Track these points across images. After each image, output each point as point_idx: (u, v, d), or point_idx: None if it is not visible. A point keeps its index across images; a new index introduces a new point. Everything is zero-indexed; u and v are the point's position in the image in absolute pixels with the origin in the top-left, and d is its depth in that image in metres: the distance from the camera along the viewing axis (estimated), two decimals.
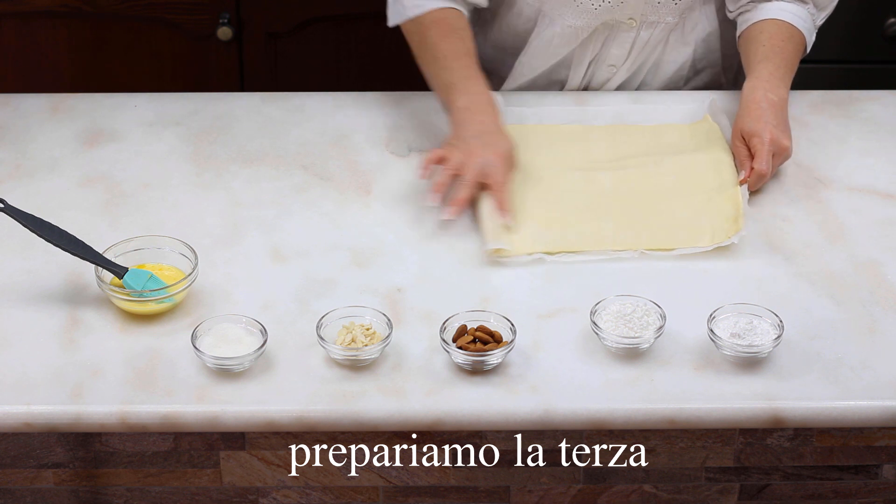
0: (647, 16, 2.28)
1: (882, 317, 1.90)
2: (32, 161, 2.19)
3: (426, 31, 2.23)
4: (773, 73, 2.19)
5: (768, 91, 2.16)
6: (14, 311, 1.90)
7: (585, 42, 2.31)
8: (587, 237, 2.03)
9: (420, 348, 1.84)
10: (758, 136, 2.11)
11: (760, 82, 2.17)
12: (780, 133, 2.12)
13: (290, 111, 2.32)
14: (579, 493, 1.96)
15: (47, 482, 1.94)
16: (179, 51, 3.02)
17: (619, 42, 2.31)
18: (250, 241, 2.03)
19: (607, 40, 2.31)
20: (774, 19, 2.25)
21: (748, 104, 2.15)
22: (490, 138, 2.10)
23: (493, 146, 2.08)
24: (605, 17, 2.27)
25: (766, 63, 2.20)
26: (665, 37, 2.32)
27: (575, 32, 2.30)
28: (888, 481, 1.96)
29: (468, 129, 2.11)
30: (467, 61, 2.20)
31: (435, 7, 2.24)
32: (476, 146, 2.07)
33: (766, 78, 2.18)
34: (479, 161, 2.06)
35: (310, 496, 1.95)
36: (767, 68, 2.19)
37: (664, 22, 2.30)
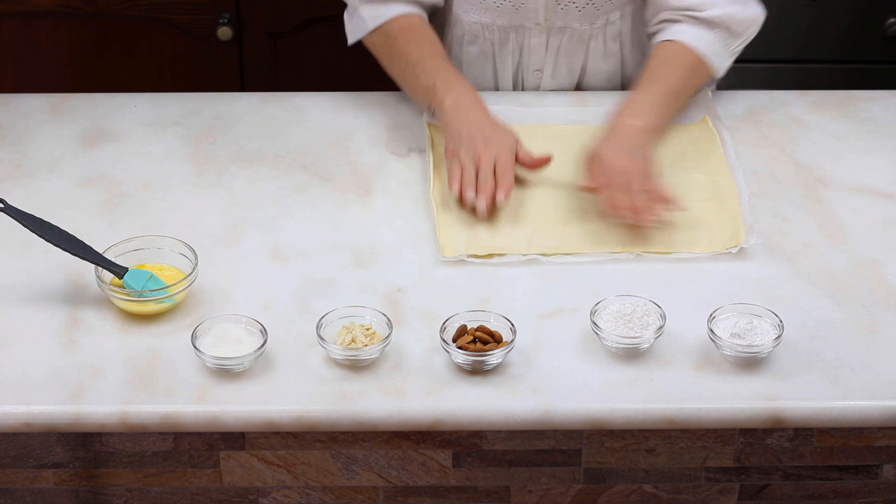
0: (553, 21, 2.29)
1: (882, 317, 1.90)
2: (32, 161, 2.19)
3: (394, 40, 2.24)
4: (643, 101, 2.16)
5: (631, 117, 2.13)
6: (14, 311, 1.90)
7: (501, 44, 2.32)
8: (584, 239, 2.03)
9: (420, 348, 1.84)
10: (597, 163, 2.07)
11: (627, 108, 2.15)
12: (631, 159, 2.06)
13: (290, 111, 2.32)
14: (579, 493, 1.96)
15: (47, 482, 1.94)
16: (179, 51, 3.02)
17: (534, 47, 2.32)
18: (250, 241, 2.03)
19: (523, 47, 2.32)
20: (673, 42, 2.24)
21: (608, 128, 2.12)
22: (491, 134, 2.10)
23: (496, 143, 2.08)
24: (511, 19, 2.28)
25: (641, 91, 2.18)
26: (583, 46, 2.32)
27: (482, 30, 2.31)
28: (888, 481, 1.96)
29: (465, 129, 2.11)
30: (442, 62, 2.20)
31: (396, 14, 2.24)
32: (480, 147, 2.08)
33: (635, 105, 2.15)
34: (490, 160, 2.06)
35: (310, 496, 1.96)
36: (639, 97, 2.17)
37: (572, 28, 2.29)
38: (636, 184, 2.03)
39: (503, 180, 2.05)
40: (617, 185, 2.03)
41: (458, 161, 2.08)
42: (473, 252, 2.00)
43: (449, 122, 2.13)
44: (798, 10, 2.93)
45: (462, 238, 2.02)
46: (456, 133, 2.11)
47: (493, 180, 2.05)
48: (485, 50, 2.33)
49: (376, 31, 2.25)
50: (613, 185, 2.03)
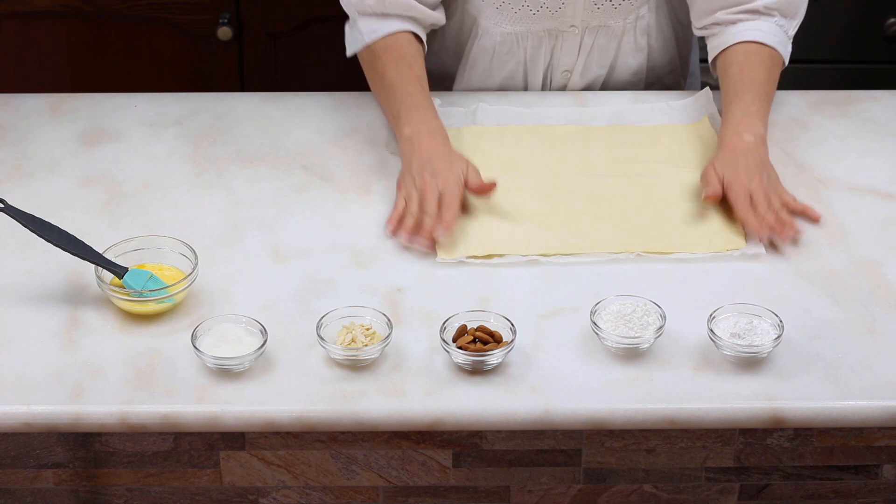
0: (589, 21, 2.29)
1: (882, 317, 1.90)
2: (32, 161, 2.19)
3: (376, 59, 2.22)
4: (745, 111, 2.15)
5: (742, 132, 2.12)
6: (14, 311, 1.90)
7: (534, 49, 2.32)
8: (584, 239, 2.03)
9: (420, 348, 1.84)
10: (731, 188, 2.06)
11: (733, 124, 2.14)
12: (750, 179, 2.06)
13: (290, 111, 2.32)
14: (579, 493, 1.96)
15: (47, 482, 1.94)
16: (179, 51, 3.02)
17: (567, 49, 2.32)
18: (250, 241, 2.03)
19: (555, 48, 2.32)
20: (742, 43, 2.23)
21: (723, 147, 2.12)
22: (438, 165, 2.07)
23: (442, 173, 2.06)
24: (546, 25, 2.28)
25: (738, 101, 2.17)
26: (616, 43, 2.32)
27: (516, 39, 2.30)
28: (888, 481, 1.96)
29: (414, 161, 2.09)
30: (413, 89, 2.17)
31: (391, 31, 2.23)
32: (427, 178, 2.06)
33: (738, 119, 2.14)
34: (434, 193, 2.04)
35: (310, 496, 1.96)
36: (740, 108, 2.16)
37: (606, 26, 2.30)
38: (767, 202, 2.04)
39: (445, 215, 2.02)
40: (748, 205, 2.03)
41: (402, 195, 2.06)
42: (472, 253, 2.00)
43: (403, 154, 2.12)
44: None
45: (460, 240, 2.02)
46: (406, 164, 2.10)
47: (434, 218, 2.02)
48: (517, 57, 2.33)
49: (366, 47, 2.24)
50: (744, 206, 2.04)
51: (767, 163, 2.11)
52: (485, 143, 2.23)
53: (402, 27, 2.23)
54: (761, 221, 2.02)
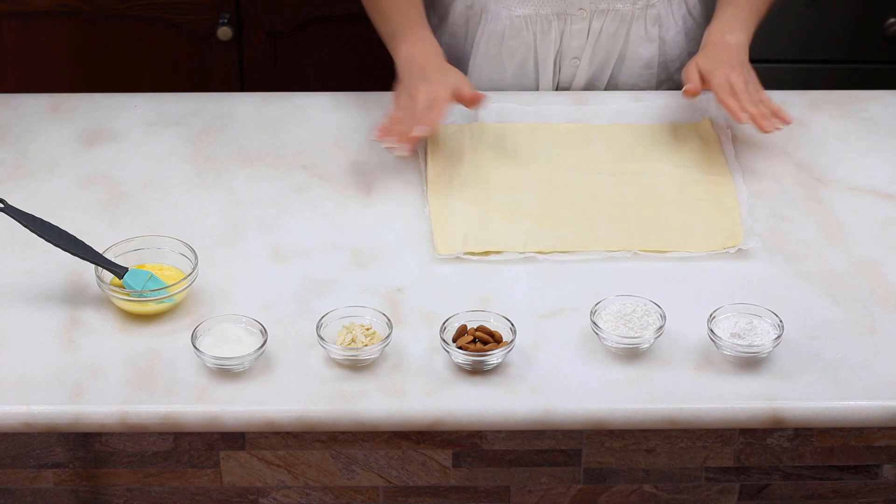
0: (597, 3, 2.30)
1: (882, 317, 1.90)
2: (32, 161, 2.19)
3: None
4: (734, 15, 2.26)
5: (726, 33, 2.23)
6: (14, 311, 1.90)
7: (544, 35, 2.32)
8: (582, 237, 2.03)
9: (420, 348, 1.84)
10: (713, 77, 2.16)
11: (720, 25, 2.25)
12: (731, 70, 2.16)
13: (290, 111, 2.32)
14: (579, 493, 1.96)
15: (47, 482, 1.94)
16: (179, 51, 3.02)
17: (575, 33, 2.32)
18: (250, 241, 2.03)
19: (564, 33, 2.32)
20: None
21: (705, 45, 2.23)
22: (433, 75, 2.16)
23: (435, 81, 2.14)
24: (555, 7, 2.30)
25: (730, 7, 2.27)
26: (625, 30, 2.33)
27: (525, 22, 2.31)
28: (888, 481, 1.96)
29: (409, 72, 2.17)
30: (408, 10, 2.24)
31: None
32: (419, 84, 2.13)
33: (726, 21, 2.25)
34: (424, 98, 2.11)
35: (310, 496, 1.96)
36: (730, 11, 2.26)
37: (614, 10, 2.30)
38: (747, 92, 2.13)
39: (430, 114, 2.09)
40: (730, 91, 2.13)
41: (394, 104, 2.14)
42: (470, 249, 2.00)
43: (400, 70, 2.19)
44: (798, 10, 2.93)
45: (458, 236, 2.02)
46: (402, 78, 2.17)
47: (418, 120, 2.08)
48: (527, 42, 2.33)
49: None
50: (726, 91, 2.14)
51: (748, 64, 2.20)
52: (486, 140, 2.23)
53: None
54: (740, 106, 2.12)
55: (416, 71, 2.18)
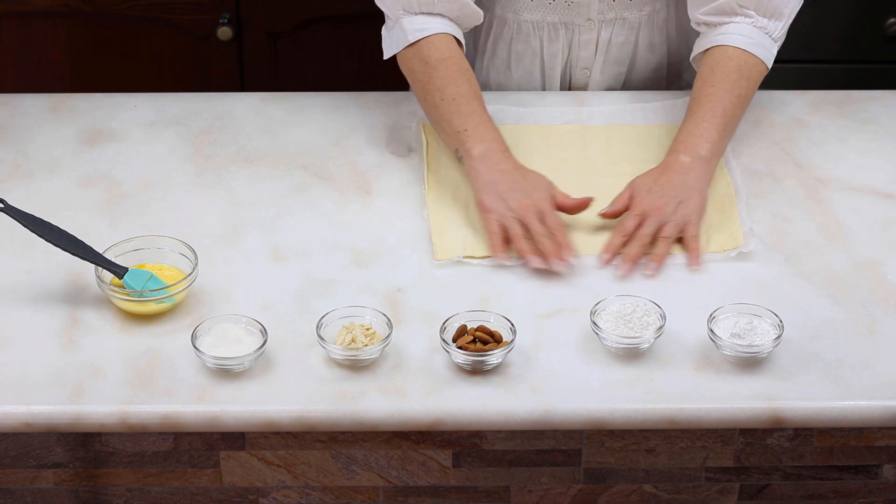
0: (605, 13, 2.28)
1: (882, 317, 1.90)
2: (32, 161, 2.19)
3: (434, 69, 2.14)
4: (692, 130, 2.10)
5: (680, 153, 2.08)
6: (14, 311, 1.90)
7: (551, 43, 2.32)
8: (581, 241, 2.03)
9: (420, 348, 1.84)
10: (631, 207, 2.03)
11: (676, 143, 2.10)
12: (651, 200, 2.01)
13: (290, 111, 2.32)
14: (579, 493, 1.96)
15: (47, 482, 1.94)
16: (179, 51, 3.02)
17: (584, 44, 2.31)
18: (250, 241, 2.03)
19: (572, 43, 2.32)
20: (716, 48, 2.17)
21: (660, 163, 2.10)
22: (527, 186, 2.03)
23: (535, 193, 2.01)
24: (563, 16, 2.28)
25: (689, 121, 2.12)
26: (634, 37, 2.32)
27: (532, 28, 2.30)
28: (888, 481, 1.96)
29: (498, 180, 2.03)
30: (477, 106, 2.12)
31: (437, 31, 2.16)
32: (522, 201, 2.00)
33: (683, 138, 2.10)
34: (534, 213, 1.99)
35: (310, 496, 1.96)
36: (688, 126, 2.11)
37: (622, 18, 2.29)
38: (651, 229, 1.99)
39: (562, 237, 1.97)
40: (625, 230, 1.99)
41: (496, 218, 2.00)
42: (469, 254, 1.99)
43: (478, 172, 2.05)
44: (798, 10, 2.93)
45: (457, 240, 2.02)
46: (488, 185, 2.03)
47: (548, 237, 1.97)
48: (533, 48, 2.33)
49: (416, 56, 2.16)
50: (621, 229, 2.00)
51: (694, 189, 2.04)
52: None
53: (447, 28, 2.18)
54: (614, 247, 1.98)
55: (505, 178, 2.03)
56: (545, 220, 1.99)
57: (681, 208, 2.02)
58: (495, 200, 2.01)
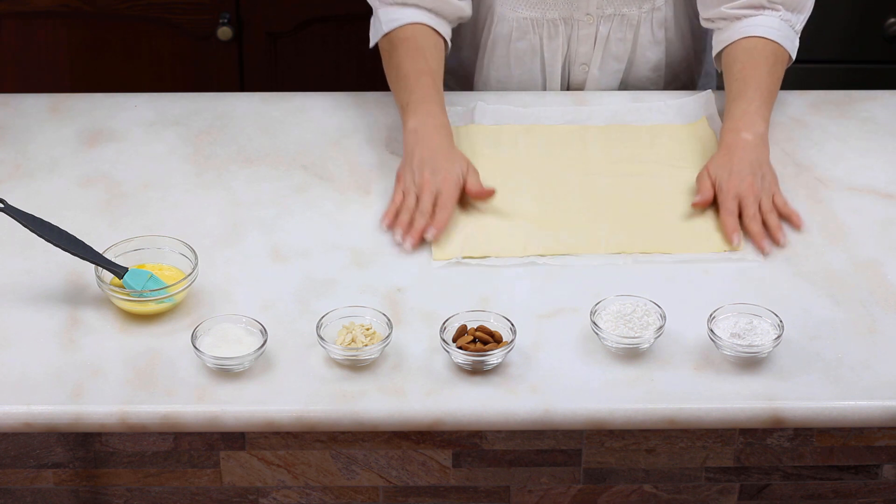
0: (604, 9, 2.29)
1: (882, 317, 1.90)
2: (32, 161, 2.19)
3: (394, 49, 2.22)
4: (745, 109, 2.15)
5: (741, 130, 2.13)
6: (14, 311, 1.90)
7: (550, 40, 2.32)
8: (581, 240, 2.03)
9: (420, 348, 1.84)
10: (721, 190, 2.07)
11: (733, 122, 2.15)
12: (740, 181, 2.07)
13: (290, 111, 2.32)
14: (579, 493, 1.96)
15: (47, 482, 1.94)
16: (179, 51, 3.02)
17: (583, 39, 2.32)
18: (250, 241, 2.03)
19: (571, 39, 2.32)
20: (747, 38, 2.22)
21: (720, 146, 2.13)
22: (440, 163, 2.08)
23: (442, 172, 2.07)
24: (562, 11, 2.29)
25: (739, 100, 2.17)
26: (633, 34, 2.32)
27: (531, 25, 2.31)
28: (888, 481, 1.96)
29: (417, 153, 2.10)
30: (424, 81, 2.17)
31: (409, 21, 2.23)
32: (427, 176, 2.06)
33: (738, 117, 2.15)
34: (431, 191, 2.04)
35: (310, 496, 1.95)
36: (741, 106, 2.16)
37: (621, 14, 2.30)
38: (755, 206, 2.04)
39: (439, 216, 2.02)
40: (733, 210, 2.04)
41: (401, 188, 2.07)
42: (468, 254, 1.99)
43: (406, 145, 2.12)
44: None
45: (457, 240, 2.02)
46: (408, 157, 2.10)
47: (428, 216, 2.02)
48: (533, 45, 2.33)
49: (385, 37, 2.24)
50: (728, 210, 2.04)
51: (765, 162, 2.11)
52: (482, 142, 2.23)
53: (422, 19, 2.23)
54: (735, 227, 2.03)
55: (424, 154, 2.10)
56: (438, 199, 2.04)
57: (764, 182, 2.08)
58: (407, 172, 2.09)
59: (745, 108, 2.15)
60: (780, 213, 2.07)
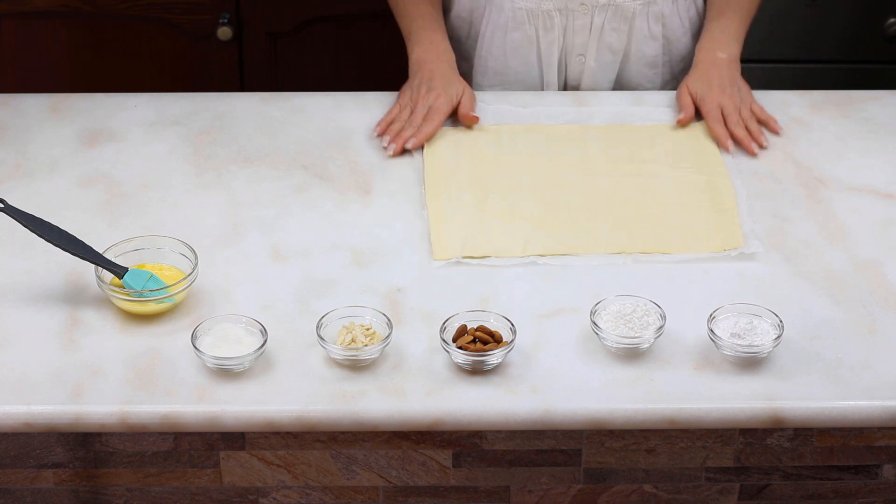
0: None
1: (882, 317, 1.90)
2: (32, 161, 2.19)
3: None
4: (723, 29, 2.31)
5: (716, 50, 2.28)
6: (14, 311, 1.90)
7: (546, 31, 2.33)
8: (581, 240, 2.03)
9: (420, 348, 1.84)
10: (703, 102, 2.24)
11: (709, 41, 2.30)
12: (721, 93, 2.24)
13: (290, 111, 2.32)
14: (579, 493, 1.96)
15: (47, 482, 1.94)
16: (179, 51, 3.02)
17: (578, 29, 2.34)
18: (250, 241, 2.03)
19: (567, 29, 2.33)
20: None
21: (696, 64, 2.29)
22: (438, 83, 2.24)
23: (436, 90, 2.22)
24: (557, 2, 2.32)
25: (718, 20, 2.32)
26: (627, 27, 2.33)
27: (527, 15, 2.33)
28: (888, 481, 1.96)
29: (418, 76, 2.26)
30: (425, 10, 2.31)
31: None
32: (423, 91, 2.22)
33: (716, 36, 2.30)
34: (424, 106, 2.20)
35: (310, 496, 1.96)
36: (719, 26, 2.31)
37: (615, 5, 2.31)
38: (736, 115, 2.20)
39: (424, 127, 2.19)
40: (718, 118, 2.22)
41: (398, 103, 2.24)
42: (468, 254, 2.00)
43: (410, 71, 2.27)
44: (798, 10, 2.93)
45: (457, 240, 2.02)
46: (410, 79, 2.28)
47: (415, 128, 2.19)
48: (529, 35, 2.35)
49: None
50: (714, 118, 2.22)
51: (738, 78, 2.28)
52: (483, 142, 2.23)
53: None
54: (727, 134, 2.21)
55: (424, 75, 2.25)
56: (428, 113, 2.21)
57: (741, 94, 2.26)
58: (407, 91, 2.27)
59: (723, 29, 2.30)
60: (759, 119, 2.25)
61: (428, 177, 2.15)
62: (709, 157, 2.20)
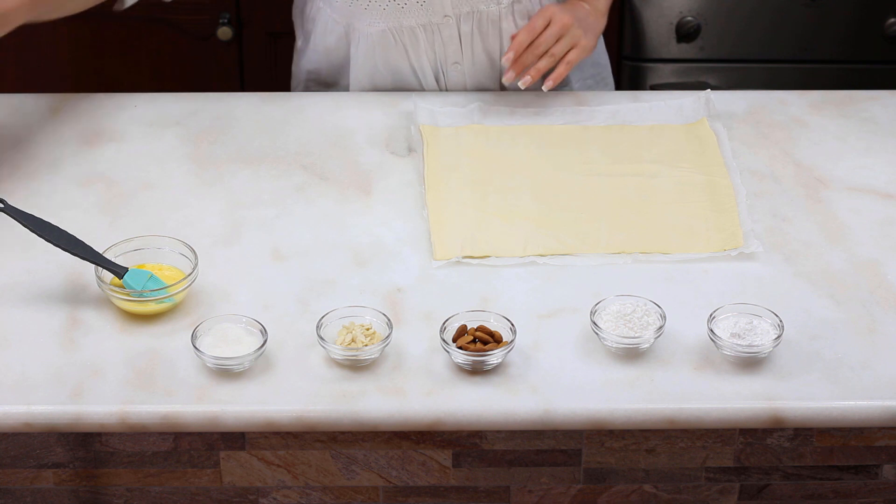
0: (460, 8, 2.28)
1: (882, 317, 1.90)
2: (32, 161, 2.19)
3: None
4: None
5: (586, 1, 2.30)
6: (14, 311, 1.90)
7: (413, 45, 2.31)
8: (581, 240, 2.03)
9: (420, 348, 1.84)
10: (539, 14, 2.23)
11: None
12: (562, 14, 2.23)
13: (290, 111, 2.32)
14: (579, 493, 1.96)
15: (47, 482, 1.94)
16: (179, 51, 3.02)
17: (448, 40, 2.31)
18: (250, 240, 2.03)
19: (436, 42, 2.31)
20: None
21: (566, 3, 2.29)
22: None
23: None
24: (419, 18, 2.27)
25: None
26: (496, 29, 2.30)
27: (391, 35, 2.29)
28: (888, 481, 1.96)
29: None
30: None
31: None
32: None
33: None
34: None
35: (310, 496, 1.96)
36: None
37: (478, 11, 2.29)
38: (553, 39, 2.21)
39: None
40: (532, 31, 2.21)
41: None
42: (468, 254, 2.00)
43: None
44: (798, 10, 2.93)
45: (457, 240, 2.02)
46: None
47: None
48: (399, 53, 2.32)
49: None
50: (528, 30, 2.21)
51: (592, 26, 2.27)
52: (482, 142, 2.23)
53: None
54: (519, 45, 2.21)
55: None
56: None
57: (577, 34, 2.24)
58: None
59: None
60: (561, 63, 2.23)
61: (428, 177, 2.15)
62: (709, 157, 2.20)
